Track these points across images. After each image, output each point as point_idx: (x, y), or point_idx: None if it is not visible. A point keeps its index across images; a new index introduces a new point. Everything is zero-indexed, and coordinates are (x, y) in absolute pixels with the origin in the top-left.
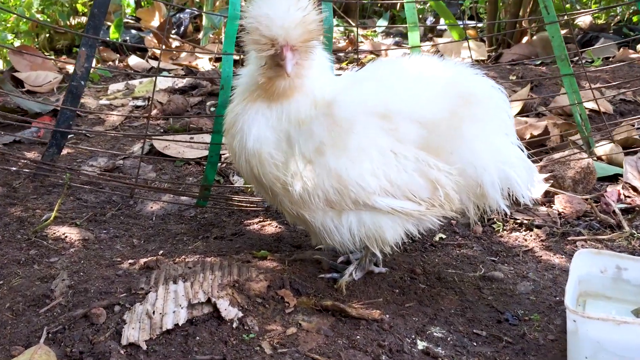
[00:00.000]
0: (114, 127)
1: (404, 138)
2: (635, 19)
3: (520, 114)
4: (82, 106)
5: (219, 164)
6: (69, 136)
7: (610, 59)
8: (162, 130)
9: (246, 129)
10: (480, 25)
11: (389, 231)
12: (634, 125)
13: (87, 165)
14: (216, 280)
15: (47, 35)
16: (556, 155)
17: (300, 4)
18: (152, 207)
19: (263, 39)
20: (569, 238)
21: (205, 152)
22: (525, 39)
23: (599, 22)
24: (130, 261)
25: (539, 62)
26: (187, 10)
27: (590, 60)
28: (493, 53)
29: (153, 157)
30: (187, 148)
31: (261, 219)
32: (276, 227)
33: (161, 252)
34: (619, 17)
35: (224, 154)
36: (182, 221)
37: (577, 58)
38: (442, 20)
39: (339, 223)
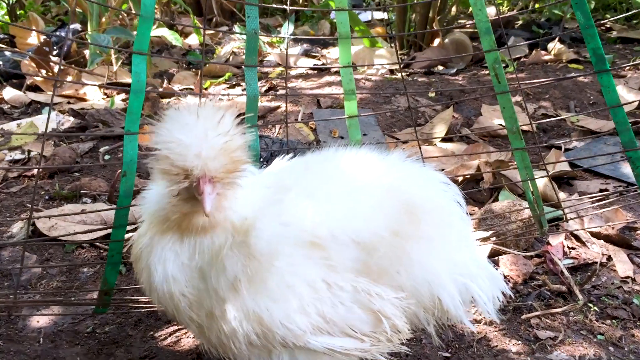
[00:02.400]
0: None
1: (338, 265)
2: (542, 9)
3: (444, 138)
4: None
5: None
6: None
7: (522, 59)
8: (47, 198)
9: (153, 268)
10: (385, 16)
11: None
12: (560, 149)
13: None
14: None
15: None
16: (495, 207)
17: (221, 127)
18: (38, 323)
19: (175, 169)
20: (523, 317)
21: (102, 230)
22: (437, 41)
23: (503, 11)
24: None
25: (454, 71)
26: (70, 26)
27: (504, 65)
28: (405, 57)
29: (37, 241)
30: (77, 224)
31: (175, 328)
32: (194, 339)
33: None
34: (520, 3)
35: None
36: (76, 341)
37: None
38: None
39: None
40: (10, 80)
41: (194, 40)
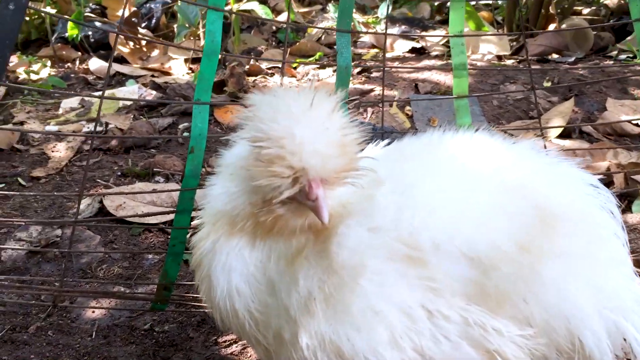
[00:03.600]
0: (58, 168)
1: (443, 288)
2: None
3: (561, 135)
4: (24, 135)
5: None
6: None
7: None
8: (119, 174)
9: (214, 280)
10: (489, 1)
11: None
12: None
13: (13, 239)
14: None
15: None
16: (629, 218)
17: (337, 117)
18: (94, 313)
19: (287, 172)
20: None
21: (173, 212)
22: (552, 26)
23: None
24: None
25: (572, 60)
26: None
27: (631, 56)
28: (514, 44)
29: (101, 223)
30: (147, 205)
31: None
32: None
33: None
34: None
35: None
36: (132, 339)
37: (615, 53)
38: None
39: None
40: (98, 51)
41: (285, 17)
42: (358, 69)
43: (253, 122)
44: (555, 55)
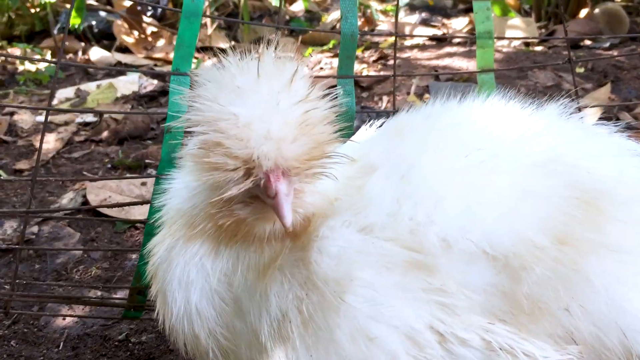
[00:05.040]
0: (45, 161)
1: (457, 301)
2: None
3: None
4: (13, 126)
5: None
6: None
7: None
8: (109, 166)
9: (169, 295)
10: None
11: None
12: None
13: None
14: None
15: (7, 18)
16: None
17: (296, 89)
18: (64, 321)
19: (232, 162)
20: None
21: None
22: (584, 12)
23: None
24: None
25: (607, 45)
26: None
27: None
28: (543, 30)
29: (82, 218)
30: (136, 199)
31: None
32: None
33: None
34: None
35: None
36: (103, 350)
37: None
38: None
39: None
40: (101, 41)
41: (299, 6)
42: (374, 57)
43: (196, 101)
44: (587, 42)
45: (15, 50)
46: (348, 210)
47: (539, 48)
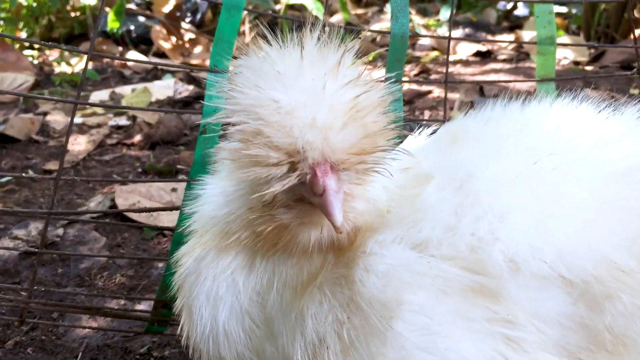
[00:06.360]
0: (75, 162)
1: (527, 335)
2: None
3: None
4: (45, 126)
5: None
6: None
7: None
8: (139, 171)
9: (195, 311)
10: (564, 10)
11: None
12: None
13: (9, 237)
14: None
15: (48, 21)
16: None
17: (344, 73)
18: (84, 330)
19: (274, 155)
20: None
21: None
22: (638, 32)
23: None
24: None
25: None
26: None
27: None
28: (592, 51)
29: (109, 222)
30: (166, 205)
31: None
32: None
33: None
34: None
35: None
36: None
37: None
38: (520, 5)
39: None
40: (138, 46)
41: (338, 18)
42: (415, 71)
43: (232, 91)
44: None
45: (53, 53)
46: (399, 223)
47: (589, 67)
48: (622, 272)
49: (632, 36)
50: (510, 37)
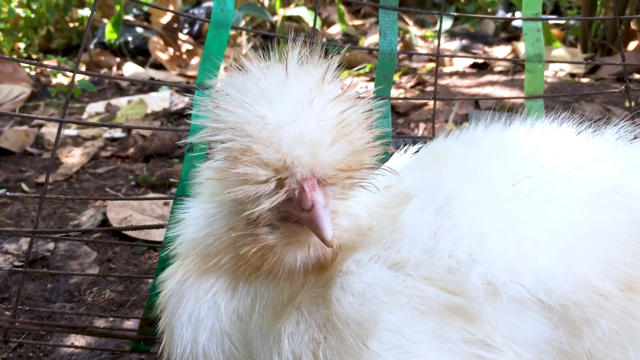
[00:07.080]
0: (68, 175)
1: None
2: None
3: None
4: (40, 139)
5: None
6: None
7: None
8: (132, 184)
9: (177, 332)
10: (562, 21)
11: None
12: None
13: (0, 251)
14: None
15: (46, 32)
16: None
17: (330, 89)
18: (71, 348)
19: (262, 172)
20: None
21: None
22: (633, 45)
23: None
24: None
25: None
26: (204, 4)
27: None
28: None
29: (94, 240)
30: (157, 219)
31: None
32: None
33: None
34: None
35: None
36: None
37: None
38: (518, 14)
39: None
40: (136, 57)
41: (336, 29)
42: (411, 83)
43: (217, 109)
44: (638, 75)
45: (50, 63)
46: (378, 243)
47: (585, 80)
48: (600, 296)
49: (627, 49)
50: (508, 48)
